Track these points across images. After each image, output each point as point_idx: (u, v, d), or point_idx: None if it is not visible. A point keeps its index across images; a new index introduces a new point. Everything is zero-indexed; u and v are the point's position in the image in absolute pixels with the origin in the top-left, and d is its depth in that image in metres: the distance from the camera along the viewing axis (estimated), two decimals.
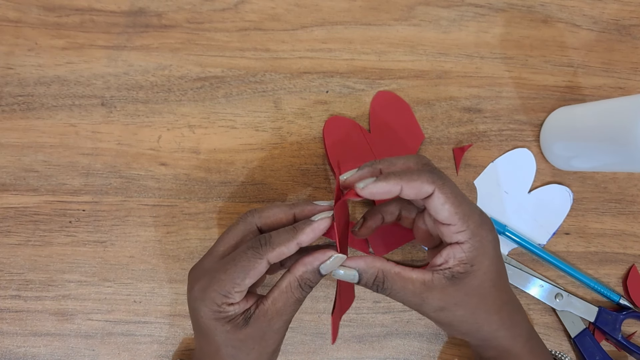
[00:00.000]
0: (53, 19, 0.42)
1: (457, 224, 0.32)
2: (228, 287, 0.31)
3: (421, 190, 0.32)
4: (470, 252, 0.32)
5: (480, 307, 0.33)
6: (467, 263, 0.32)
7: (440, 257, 0.33)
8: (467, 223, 0.32)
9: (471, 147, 0.45)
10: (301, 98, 0.44)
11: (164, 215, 0.42)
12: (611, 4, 0.47)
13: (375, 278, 0.32)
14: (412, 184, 0.31)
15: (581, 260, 0.46)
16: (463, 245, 0.32)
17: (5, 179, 0.41)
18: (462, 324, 0.34)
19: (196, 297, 0.32)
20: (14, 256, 0.41)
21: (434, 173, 0.32)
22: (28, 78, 0.42)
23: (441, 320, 0.34)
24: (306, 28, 0.44)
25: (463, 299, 0.33)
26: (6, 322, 0.41)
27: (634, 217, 0.47)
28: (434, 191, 0.31)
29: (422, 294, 0.32)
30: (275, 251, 0.32)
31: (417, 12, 0.45)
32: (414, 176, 0.32)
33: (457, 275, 0.32)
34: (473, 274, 0.32)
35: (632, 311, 0.45)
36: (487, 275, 0.33)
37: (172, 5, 0.43)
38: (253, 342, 0.33)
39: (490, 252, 0.33)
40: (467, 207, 0.32)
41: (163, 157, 0.42)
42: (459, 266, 0.32)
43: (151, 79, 0.43)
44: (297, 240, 0.32)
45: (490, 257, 0.33)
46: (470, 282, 0.32)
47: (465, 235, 0.32)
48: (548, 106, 0.46)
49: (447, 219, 0.32)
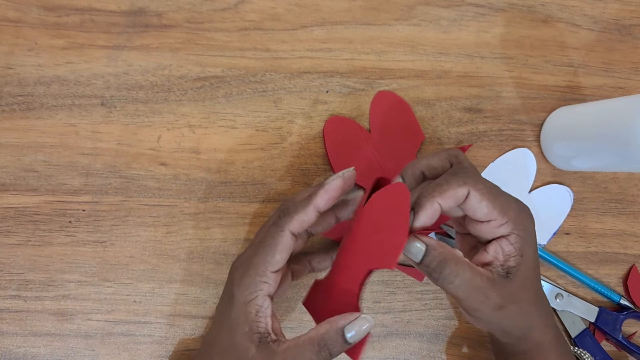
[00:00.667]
0: (53, 19, 0.42)
1: (497, 218, 0.31)
2: (262, 269, 0.32)
3: (457, 196, 0.30)
4: (517, 242, 0.31)
5: (527, 299, 0.32)
6: (516, 255, 0.31)
7: (487, 254, 0.32)
8: (508, 214, 0.31)
9: (471, 147, 0.45)
10: (301, 98, 0.44)
11: (164, 215, 0.42)
12: (611, 4, 0.47)
13: (443, 258, 0.30)
14: (445, 195, 0.30)
15: (581, 260, 0.46)
16: (509, 237, 0.31)
17: (5, 179, 0.41)
18: (513, 320, 0.32)
19: (235, 282, 0.32)
20: (13, 256, 0.41)
21: (461, 174, 0.31)
22: (28, 78, 0.41)
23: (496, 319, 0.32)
24: (306, 28, 0.44)
25: (517, 294, 0.31)
26: (6, 322, 0.41)
27: (635, 217, 0.47)
28: (468, 192, 0.30)
29: (487, 290, 0.30)
30: (295, 220, 0.32)
31: (417, 12, 0.45)
32: (444, 187, 0.30)
33: (511, 271, 0.31)
34: (523, 265, 0.31)
35: (632, 311, 0.45)
36: (532, 264, 0.32)
37: (172, 5, 0.43)
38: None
39: (532, 240, 0.32)
40: (504, 198, 0.31)
41: (163, 157, 0.42)
42: (509, 260, 0.31)
43: (151, 78, 0.43)
44: (314, 205, 0.32)
45: (533, 245, 0.32)
46: (522, 274, 0.31)
47: (508, 227, 0.31)
48: (548, 106, 0.46)
49: (487, 215, 0.31)
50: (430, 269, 0.30)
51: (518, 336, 0.33)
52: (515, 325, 0.33)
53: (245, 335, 0.31)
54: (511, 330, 0.33)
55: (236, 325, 0.32)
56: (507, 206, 0.31)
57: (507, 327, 0.33)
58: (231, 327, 0.32)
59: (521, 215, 0.32)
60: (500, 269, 0.31)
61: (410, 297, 0.44)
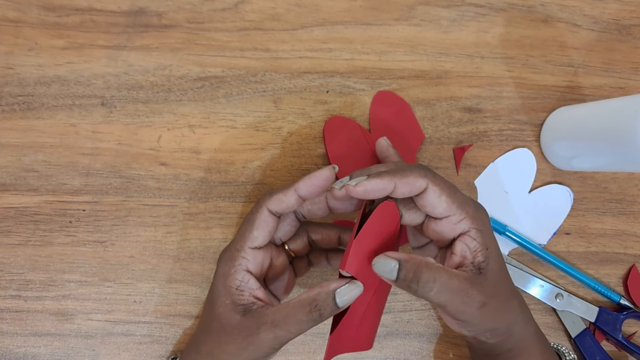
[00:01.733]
0: (53, 19, 0.42)
1: (456, 213, 0.31)
2: (240, 244, 0.33)
3: (415, 186, 0.31)
4: (479, 237, 0.32)
5: (504, 293, 0.32)
6: (482, 249, 0.31)
7: (455, 255, 0.32)
8: (466, 209, 0.32)
9: (471, 147, 0.45)
10: (301, 98, 0.44)
11: (164, 215, 0.42)
12: (611, 4, 0.47)
13: (417, 268, 0.30)
14: (405, 179, 0.31)
15: (581, 260, 0.46)
16: (470, 233, 0.32)
17: (5, 179, 0.41)
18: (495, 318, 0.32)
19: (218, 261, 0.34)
20: (14, 256, 0.41)
21: (425, 168, 0.32)
22: (28, 78, 0.42)
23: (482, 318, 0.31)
24: (306, 28, 0.44)
25: (494, 289, 0.31)
26: (6, 322, 0.41)
27: (635, 217, 0.47)
28: (427, 185, 0.31)
29: (467, 290, 0.30)
30: (273, 198, 0.33)
31: (417, 12, 0.45)
32: (407, 172, 0.31)
33: (482, 266, 0.31)
34: (491, 257, 0.32)
35: (632, 311, 0.45)
36: (499, 257, 0.32)
37: (172, 5, 0.43)
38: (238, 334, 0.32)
39: (492, 234, 0.33)
40: (461, 195, 0.32)
41: (163, 157, 0.42)
42: (477, 256, 0.31)
43: (151, 78, 0.43)
44: (294, 187, 0.33)
45: (494, 240, 0.33)
46: (493, 267, 0.31)
47: (467, 223, 0.32)
48: (548, 106, 0.46)
49: (446, 210, 0.31)
50: (407, 282, 0.30)
51: (503, 333, 0.33)
52: (500, 321, 0.32)
53: (227, 307, 0.33)
54: (497, 327, 0.33)
55: (216, 298, 0.33)
56: (465, 202, 0.32)
57: (492, 324, 0.32)
58: (212, 300, 0.33)
59: (478, 211, 0.32)
60: (472, 267, 0.31)
61: (410, 297, 0.44)
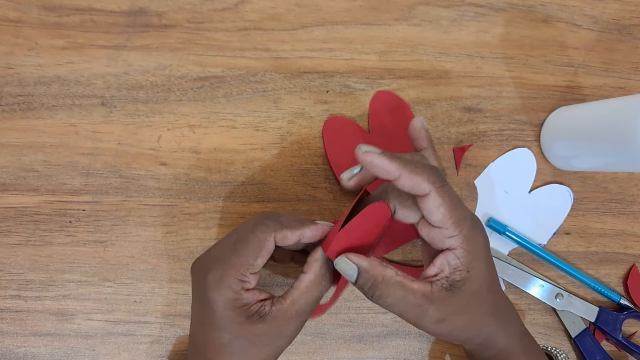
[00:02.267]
0: (53, 19, 0.42)
1: (449, 228, 0.31)
2: (243, 270, 0.31)
3: (419, 187, 0.31)
4: (464, 257, 0.31)
5: (478, 311, 0.32)
6: (462, 270, 0.31)
7: (433, 267, 0.32)
8: (460, 227, 0.31)
9: (471, 147, 0.45)
10: (301, 98, 0.44)
11: (164, 215, 0.42)
12: (611, 4, 0.47)
13: (374, 282, 0.31)
14: (412, 175, 0.30)
15: (582, 260, 0.46)
16: (456, 251, 0.31)
17: (5, 179, 0.41)
18: (462, 331, 0.33)
19: (211, 286, 0.31)
20: (14, 256, 0.41)
21: (437, 174, 0.31)
22: (28, 78, 0.42)
23: (440, 332, 0.32)
24: (306, 28, 0.44)
25: (463, 307, 0.32)
26: (6, 322, 0.41)
27: (635, 217, 0.47)
28: (430, 192, 0.31)
29: (422, 306, 0.31)
30: (283, 232, 0.32)
31: (417, 12, 0.45)
32: (418, 170, 0.31)
33: (455, 284, 0.31)
34: (470, 280, 0.31)
35: (632, 311, 0.45)
36: (483, 280, 0.32)
37: (172, 5, 0.43)
38: (267, 339, 0.32)
39: (483, 255, 0.32)
40: (461, 211, 0.32)
41: (163, 157, 0.42)
42: (455, 274, 0.31)
43: (151, 78, 0.43)
44: (302, 231, 0.33)
45: (484, 261, 0.32)
46: (468, 288, 0.31)
47: (457, 240, 0.31)
48: (548, 106, 0.46)
49: (440, 221, 0.31)
50: (364, 290, 0.31)
51: (478, 343, 0.34)
52: (469, 335, 0.33)
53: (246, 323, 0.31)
54: (467, 339, 0.34)
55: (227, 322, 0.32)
56: (462, 220, 0.31)
57: (459, 337, 0.33)
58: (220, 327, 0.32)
59: (473, 231, 0.32)
60: (445, 282, 0.31)
61: None
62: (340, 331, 0.43)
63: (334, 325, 0.43)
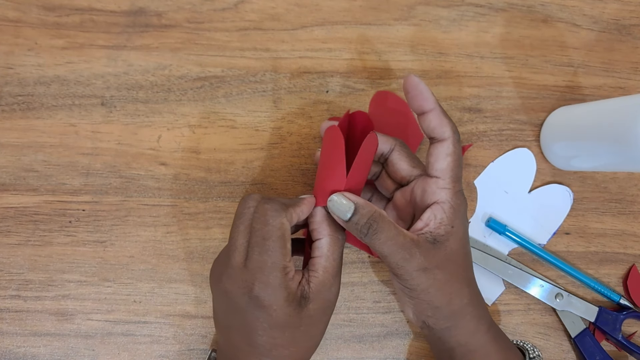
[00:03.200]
0: (53, 19, 0.42)
1: (447, 179, 0.33)
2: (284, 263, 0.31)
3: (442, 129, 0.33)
4: (450, 213, 0.33)
5: (455, 275, 0.34)
6: (447, 224, 0.33)
7: (420, 221, 0.33)
8: (454, 184, 0.33)
9: (471, 147, 0.45)
10: (301, 98, 0.44)
11: (164, 215, 0.42)
12: (611, 4, 0.47)
13: (370, 217, 0.32)
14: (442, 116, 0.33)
15: (581, 260, 0.46)
16: (444, 205, 0.33)
17: (5, 179, 0.41)
18: (439, 289, 0.33)
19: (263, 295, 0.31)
20: (13, 256, 0.41)
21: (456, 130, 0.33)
22: (28, 78, 0.41)
23: (420, 282, 0.33)
24: (306, 28, 0.44)
25: (443, 262, 0.33)
26: (6, 322, 0.41)
27: (634, 217, 0.47)
28: (448, 138, 0.33)
29: (410, 249, 0.32)
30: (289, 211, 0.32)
31: (417, 12, 0.45)
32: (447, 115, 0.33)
33: (439, 239, 0.33)
34: (452, 236, 0.33)
35: (632, 311, 0.45)
36: (462, 242, 0.34)
37: (172, 5, 0.43)
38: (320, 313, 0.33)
39: (463, 218, 0.34)
40: (460, 171, 0.34)
41: (163, 157, 0.42)
42: (440, 228, 0.33)
43: (151, 78, 0.43)
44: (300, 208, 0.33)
45: (464, 225, 0.34)
46: (450, 245, 0.33)
47: (447, 194, 0.33)
48: (548, 106, 0.46)
49: (442, 170, 0.33)
50: (359, 226, 0.32)
51: (447, 317, 0.34)
52: (441, 298, 0.33)
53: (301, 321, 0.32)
54: (438, 305, 0.33)
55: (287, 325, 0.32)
56: (458, 178, 0.33)
57: (432, 297, 0.33)
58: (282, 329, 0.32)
59: (460, 192, 0.34)
60: (429, 235, 0.33)
61: None
62: (340, 331, 0.43)
63: (334, 325, 0.43)
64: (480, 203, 0.45)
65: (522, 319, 0.45)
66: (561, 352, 0.45)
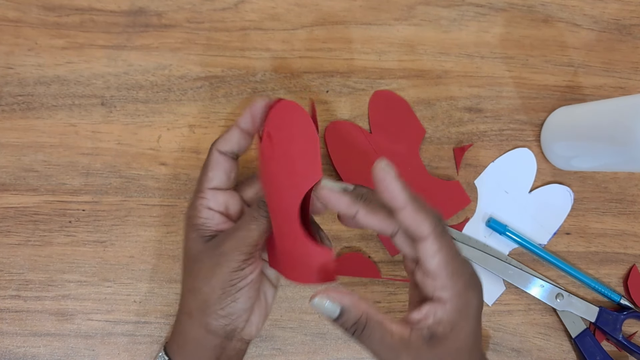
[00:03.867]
0: (53, 19, 0.42)
1: (443, 279, 0.29)
2: (199, 187, 0.36)
3: (419, 227, 0.29)
4: (452, 313, 0.29)
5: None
6: (447, 325, 0.30)
7: (419, 312, 0.30)
8: (454, 281, 0.29)
9: (472, 147, 0.45)
10: (301, 98, 0.44)
11: (164, 215, 0.42)
12: (612, 4, 0.47)
13: (357, 321, 0.30)
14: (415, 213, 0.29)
15: (582, 260, 0.46)
16: (445, 305, 0.29)
17: (5, 179, 0.41)
18: None
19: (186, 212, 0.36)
20: (13, 256, 0.41)
21: (439, 220, 0.30)
22: (28, 78, 0.41)
23: None
24: (306, 28, 0.44)
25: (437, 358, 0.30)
26: (6, 322, 0.41)
27: (635, 217, 0.47)
28: (428, 236, 0.29)
29: (398, 351, 0.29)
30: (221, 139, 0.35)
31: (417, 12, 0.45)
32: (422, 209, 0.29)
33: (436, 337, 0.30)
34: (452, 338, 0.30)
35: (632, 311, 0.45)
36: (465, 341, 0.30)
37: (172, 4, 0.43)
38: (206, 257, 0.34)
39: (472, 318, 0.30)
40: (460, 264, 0.30)
41: (163, 157, 0.42)
42: (438, 327, 0.30)
43: (151, 78, 0.42)
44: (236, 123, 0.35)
45: (472, 324, 0.30)
46: (448, 345, 0.30)
47: (448, 294, 0.29)
48: (548, 106, 0.46)
49: (435, 270, 0.29)
50: (345, 328, 0.30)
51: None
52: None
53: (194, 240, 0.35)
54: None
55: (185, 237, 0.36)
56: (459, 274, 0.30)
57: None
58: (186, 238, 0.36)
59: (468, 289, 0.30)
60: (426, 331, 0.30)
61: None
62: (340, 331, 0.43)
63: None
64: (480, 203, 0.45)
65: (523, 319, 0.45)
66: (561, 352, 0.45)
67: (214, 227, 0.35)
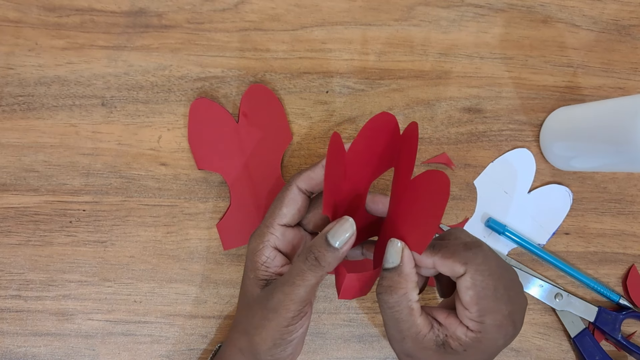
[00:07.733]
0: (53, 19, 0.42)
1: (473, 314, 0.30)
2: (270, 220, 0.34)
3: (454, 270, 0.30)
4: (472, 342, 0.30)
5: None
6: (461, 346, 0.30)
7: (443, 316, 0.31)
8: (484, 318, 0.29)
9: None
10: (301, 98, 0.44)
11: (164, 215, 0.42)
12: (611, 4, 0.47)
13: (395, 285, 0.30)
14: (443, 261, 0.30)
15: (581, 260, 0.46)
16: (468, 332, 0.30)
17: (6, 179, 0.41)
18: None
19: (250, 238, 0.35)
20: (14, 256, 0.41)
21: (469, 250, 0.30)
22: (28, 78, 0.42)
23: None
24: (306, 28, 0.44)
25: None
26: (6, 322, 0.41)
27: (634, 217, 0.47)
28: (465, 273, 0.30)
29: (410, 329, 0.30)
30: (303, 176, 0.34)
31: (417, 13, 0.45)
32: (448, 254, 0.30)
33: (446, 348, 0.30)
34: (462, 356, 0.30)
35: (631, 311, 0.45)
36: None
37: (172, 5, 0.43)
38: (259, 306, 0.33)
39: (489, 354, 0.31)
40: (495, 302, 0.29)
41: (163, 157, 0.42)
42: (454, 342, 0.30)
43: (151, 79, 0.43)
44: (322, 163, 0.34)
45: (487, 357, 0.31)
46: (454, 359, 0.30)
47: (475, 327, 0.30)
48: (548, 106, 0.46)
49: (466, 304, 0.30)
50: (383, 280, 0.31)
51: None
52: None
53: (252, 282, 0.34)
54: None
55: (245, 274, 0.36)
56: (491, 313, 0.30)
57: None
58: (243, 277, 0.36)
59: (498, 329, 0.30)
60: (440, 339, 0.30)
61: None
62: (340, 331, 0.43)
63: (334, 325, 0.43)
64: (479, 203, 0.45)
65: None
66: (560, 352, 0.45)
67: (272, 269, 0.34)
